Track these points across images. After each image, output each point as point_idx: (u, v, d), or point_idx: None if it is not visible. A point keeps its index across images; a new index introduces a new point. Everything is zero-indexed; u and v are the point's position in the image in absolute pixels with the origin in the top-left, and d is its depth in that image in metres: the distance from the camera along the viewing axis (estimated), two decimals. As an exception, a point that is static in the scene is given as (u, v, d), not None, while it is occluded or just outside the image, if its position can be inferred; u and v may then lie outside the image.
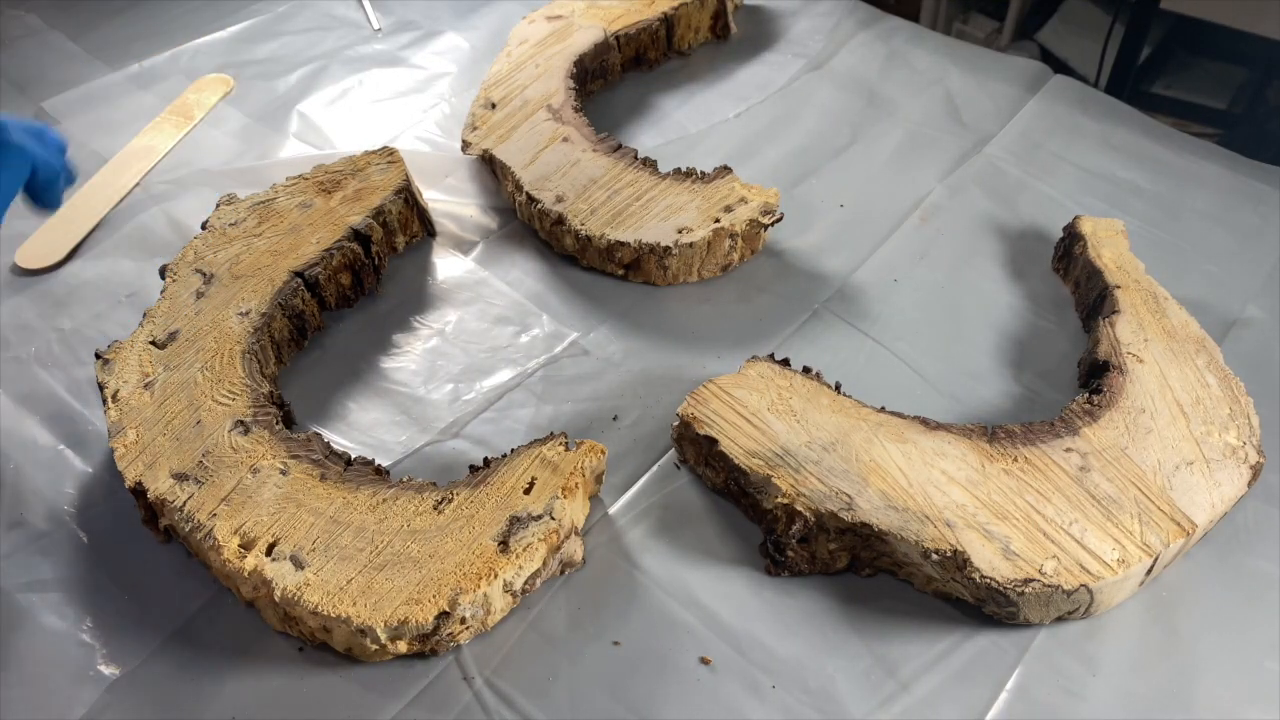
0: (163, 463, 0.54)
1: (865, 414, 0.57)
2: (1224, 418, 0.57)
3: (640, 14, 0.90)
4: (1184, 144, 0.83)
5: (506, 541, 0.50)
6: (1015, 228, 0.76)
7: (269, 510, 0.52)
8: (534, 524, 0.51)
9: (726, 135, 0.84)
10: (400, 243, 0.73)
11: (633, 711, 0.48)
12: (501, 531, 0.50)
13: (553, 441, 0.55)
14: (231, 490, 0.52)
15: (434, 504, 0.52)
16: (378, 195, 0.70)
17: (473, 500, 0.52)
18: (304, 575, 0.49)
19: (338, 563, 0.49)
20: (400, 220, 0.72)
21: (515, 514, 0.51)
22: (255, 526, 0.51)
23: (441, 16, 0.98)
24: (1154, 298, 0.64)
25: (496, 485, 0.53)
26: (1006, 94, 0.88)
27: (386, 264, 0.71)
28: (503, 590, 0.50)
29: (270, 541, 0.50)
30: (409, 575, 0.49)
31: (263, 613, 0.52)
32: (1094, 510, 0.52)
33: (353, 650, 0.50)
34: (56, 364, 0.65)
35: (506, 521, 0.51)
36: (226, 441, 0.55)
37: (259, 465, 0.53)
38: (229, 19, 0.96)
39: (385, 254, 0.71)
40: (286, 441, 0.55)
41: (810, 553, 0.53)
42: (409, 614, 0.47)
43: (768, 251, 0.73)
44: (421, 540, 0.50)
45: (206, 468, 0.53)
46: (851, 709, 0.49)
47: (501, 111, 0.80)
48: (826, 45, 0.94)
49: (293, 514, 0.51)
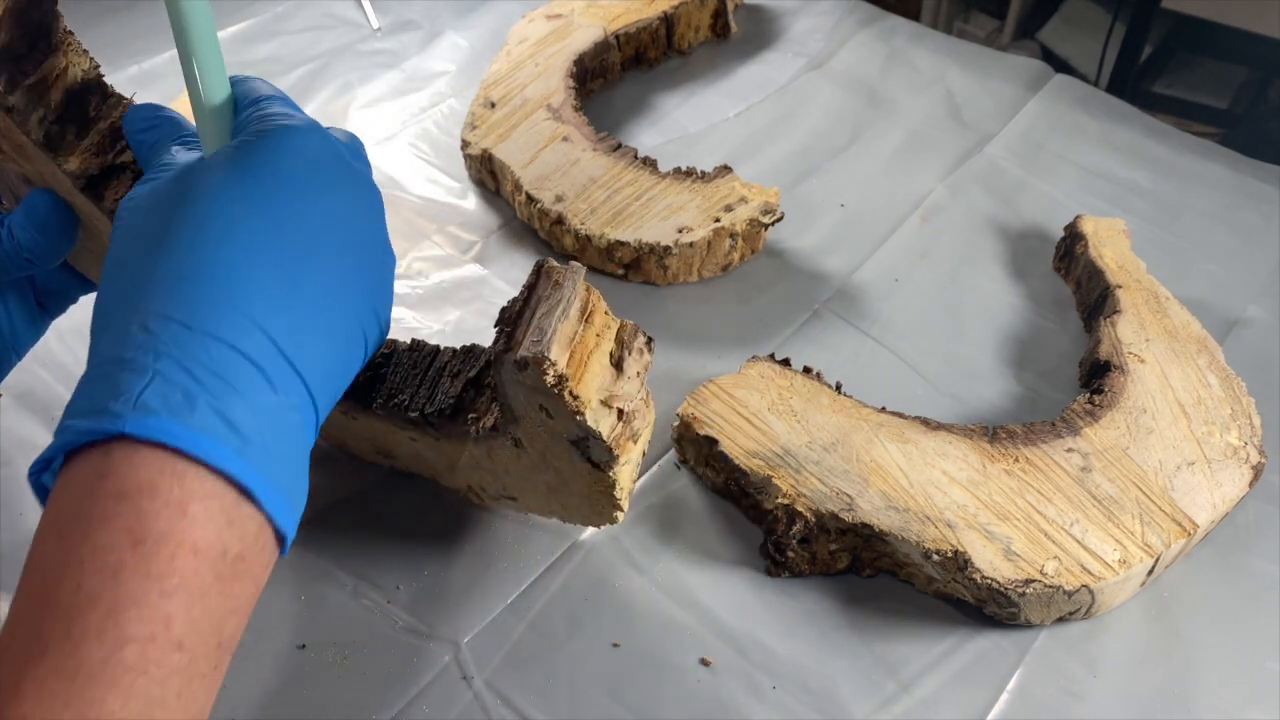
0: None
1: (866, 414, 0.57)
2: (1225, 418, 0.57)
3: (640, 13, 0.90)
4: (1185, 143, 0.83)
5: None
6: (1016, 227, 0.76)
7: None
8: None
9: (726, 134, 0.84)
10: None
11: (632, 712, 0.48)
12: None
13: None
14: None
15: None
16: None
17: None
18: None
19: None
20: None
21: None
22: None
23: (441, 16, 0.97)
24: (1155, 297, 0.64)
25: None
26: (1007, 93, 0.88)
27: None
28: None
29: None
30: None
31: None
32: (1095, 511, 0.52)
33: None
34: (56, 364, 0.65)
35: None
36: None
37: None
38: (228, 19, 0.96)
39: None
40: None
41: (811, 553, 0.53)
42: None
43: (768, 251, 0.73)
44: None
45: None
46: (852, 710, 0.49)
47: (501, 111, 0.80)
48: (827, 44, 0.94)
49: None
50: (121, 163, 0.44)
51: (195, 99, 0.39)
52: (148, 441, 0.30)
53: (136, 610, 0.29)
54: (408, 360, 0.50)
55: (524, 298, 0.41)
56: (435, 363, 0.49)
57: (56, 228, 0.44)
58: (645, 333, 0.44)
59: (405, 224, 0.75)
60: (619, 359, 0.43)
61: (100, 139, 0.43)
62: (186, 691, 0.30)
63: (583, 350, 0.41)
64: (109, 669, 0.28)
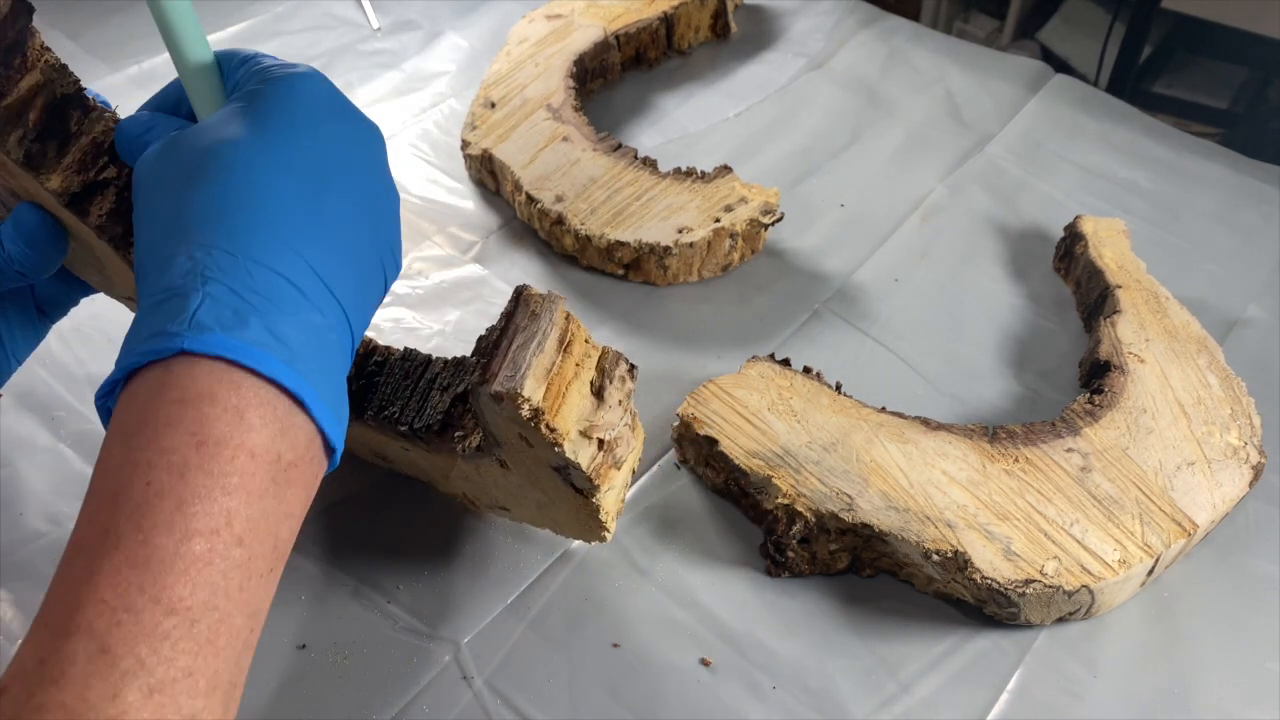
0: None
1: (866, 414, 0.57)
2: (1225, 418, 0.57)
3: (640, 13, 0.90)
4: (1185, 143, 0.83)
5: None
6: (1016, 227, 0.76)
7: None
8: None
9: (726, 135, 0.84)
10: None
11: (632, 712, 0.48)
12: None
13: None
14: None
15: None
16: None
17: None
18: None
19: None
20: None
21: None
22: None
23: (441, 16, 0.97)
24: (1155, 297, 0.64)
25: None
26: (1007, 93, 0.88)
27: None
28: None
29: None
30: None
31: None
32: (1095, 511, 0.52)
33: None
34: (57, 364, 0.65)
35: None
36: None
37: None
38: (229, 19, 0.96)
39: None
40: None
41: (811, 553, 0.53)
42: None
43: (768, 251, 0.73)
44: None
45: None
46: (852, 710, 0.49)
47: (501, 111, 0.80)
48: (827, 44, 0.94)
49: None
50: (104, 179, 0.43)
51: (181, 64, 0.40)
52: (205, 355, 0.32)
53: (202, 505, 0.31)
54: (400, 370, 0.50)
55: (501, 327, 0.41)
56: (426, 374, 0.49)
57: (45, 241, 0.44)
58: (628, 360, 0.44)
59: (405, 224, 0.75)
60: (600, 388, 0.43)
61: (82, 155, 0.42)
62: (247, 587, 0.32)
63: (560, 381, 0.41)
64: (178, 559, 0.30)
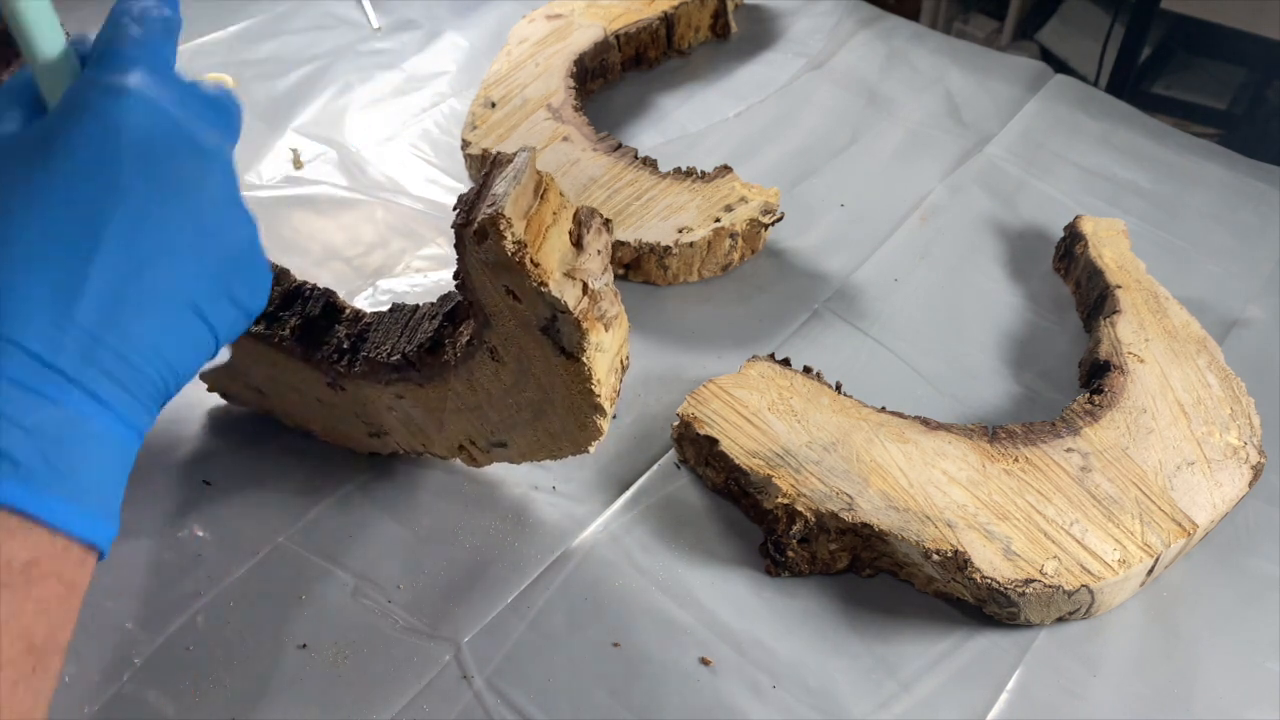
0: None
1: (866, 414, 0.57)
2: (1225, 418, 0.57)
3: (640, 13, 0.90)
4: (1184, 144, 0.83)
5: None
6: (1016, 227, 0.76)
7: None
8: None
9: (726, 134, 0.84)
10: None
11: (633, 712, 0.48)
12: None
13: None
14: None
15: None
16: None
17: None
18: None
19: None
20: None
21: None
22: None
23: (441, 16, 0.97)
24: (1155, 297, 0.64)
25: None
26: (1007, 94, 0.88)
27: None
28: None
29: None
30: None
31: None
32: (1095, 510, 0.52)
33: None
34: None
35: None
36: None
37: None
38: (229, 19, 0.96)
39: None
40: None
41: (811, 553, 0.53)
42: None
43: (768, 251, 0.73)
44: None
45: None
46: (852, 709, 0.49)
47: (501, 111, 0.80)
48: (827, 44, 0.94)
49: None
50: None
51: (29, 55, 0.36)
52: None
53: None
54: (389, 319, 0.51)
55: (480, 183, 0.42)
56: (415, 316, 0.51)
57: None
58: (602, 214, 0.44)
59: (405, 224, 0.75)
60: (578, 237, 0.42)
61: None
62: (8, 693, 0.30)
63: (539, 223, 0.41)
64: None
